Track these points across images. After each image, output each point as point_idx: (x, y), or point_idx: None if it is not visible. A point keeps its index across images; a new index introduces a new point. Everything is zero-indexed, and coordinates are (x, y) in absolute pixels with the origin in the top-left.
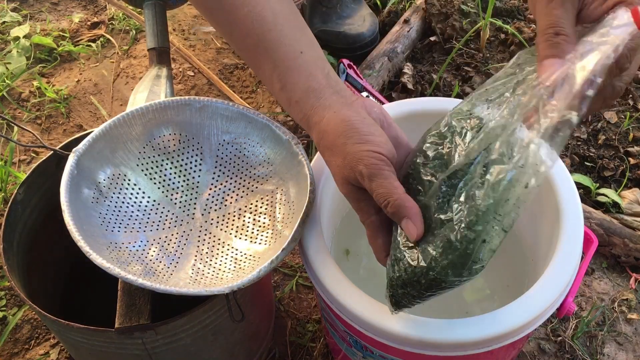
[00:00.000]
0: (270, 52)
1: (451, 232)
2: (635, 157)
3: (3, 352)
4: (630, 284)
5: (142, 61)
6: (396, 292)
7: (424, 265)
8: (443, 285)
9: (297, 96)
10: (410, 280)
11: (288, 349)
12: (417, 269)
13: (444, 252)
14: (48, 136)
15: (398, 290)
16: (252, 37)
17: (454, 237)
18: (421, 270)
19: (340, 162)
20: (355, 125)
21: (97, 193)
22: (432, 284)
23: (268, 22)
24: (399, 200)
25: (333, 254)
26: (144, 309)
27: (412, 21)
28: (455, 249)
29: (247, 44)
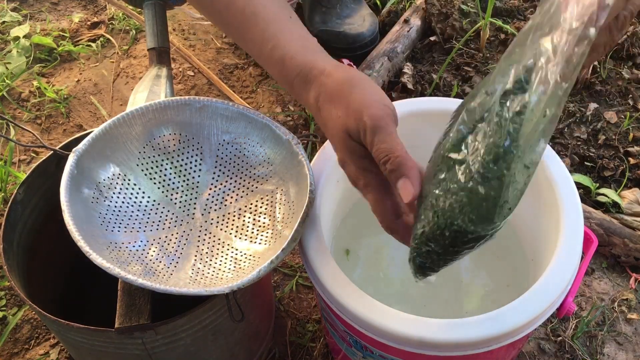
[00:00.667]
0: (259, 15)
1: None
2: (635, 157)
3: (3, 352)
4: (630, 284)
5: (142, 61)
6: (420, 252)
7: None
8: (469, 237)
9: (292, 51)
10: (433, 234)
11: (288, 349)
12: (440, 220)
13: (463, 201)
14: (48, 136)
15: (422, 248)
16: (238, 3)
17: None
18: (444, 222)
19: (342, 112)
20: (363, 77)
21: (97, 193)
22: (457, 235)
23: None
24: (400, 158)
25: (333, 254)
26: (144, 309)
27: (412, 21)
28: (476, 192)
29: (232, 11)
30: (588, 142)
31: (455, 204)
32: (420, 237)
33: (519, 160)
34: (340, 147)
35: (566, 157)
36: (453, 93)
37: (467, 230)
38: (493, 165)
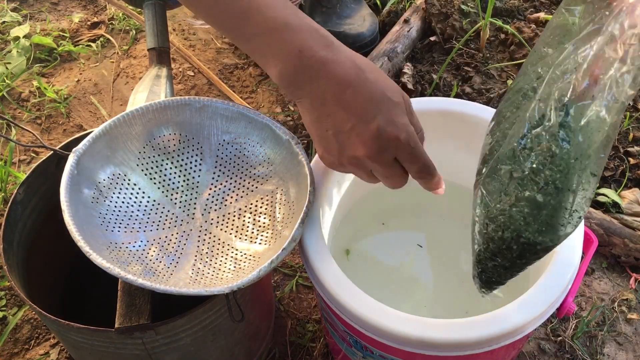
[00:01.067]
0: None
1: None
2: (635, 157)
3: (3, 352)
4: (630, 284)
5: (142, 61)
6: (486, 267)
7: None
8: (538, 249)
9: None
10: (499, 249)
11: (288, 349)
12: (505, 235)
13: (531, 213)
14: (48, 136)
15: (488, 264)
16: None
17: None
18: (511, 235)
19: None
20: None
21: (97, 193)
22: (525, 248)
23: None
24: None
25: (333, 254)
26: (144, 309)
27: (412, 21)
28: (543, 206)
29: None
30: None
31: (520, 216)
32: (484, 253)
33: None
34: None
35: None
36: (453, 93)
37: (537, 241)
38: (563, 177)
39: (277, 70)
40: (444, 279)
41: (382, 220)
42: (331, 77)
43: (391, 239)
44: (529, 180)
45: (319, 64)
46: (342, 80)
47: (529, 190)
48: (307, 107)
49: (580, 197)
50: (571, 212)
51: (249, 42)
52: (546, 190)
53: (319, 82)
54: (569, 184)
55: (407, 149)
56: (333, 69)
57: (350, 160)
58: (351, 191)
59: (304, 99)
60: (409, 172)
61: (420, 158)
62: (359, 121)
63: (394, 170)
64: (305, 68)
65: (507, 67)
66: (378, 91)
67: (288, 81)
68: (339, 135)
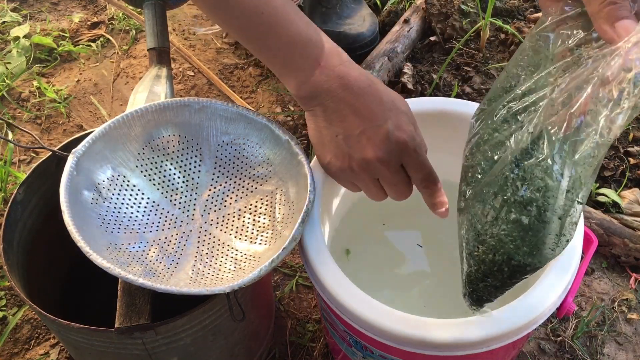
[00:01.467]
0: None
1: (524, 216)
2: (635, 157)
3: (3, 352)
4: (630, 284)
5: (142, 61)
6: (477, 287)
7: (505, 253)
8: (528, 270)
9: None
10: (490, 271)
11: (288, 349)
12: (496, 257)
13: (522, 238)
14: (48, 136)
15: (479, 284)
16: None
17: (527, 221)
18: (501, 258)
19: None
20: None
21: (97, 194)
22: (516, 269)
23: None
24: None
25: (333, 254)
26: (144, 309)
27: (412, 21)
28: (535, 231)
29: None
30: None
31: (511, 240)
32: (475, 274)
33: (576, 199)
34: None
35: None
36: (453, 93)
37: (526, 263)
38: (554, 206)
39: (297, 81)
40: (444, 278)
41: (382, 220)
42: (347, 88)
43: (391, 239)
44: (521, 207)
45: (337, 76)
46: (357, 90)
47: (521, 216)
48: (320, 114)
49: (567, 222)
50: (560, 236)
51: (271, 53)
52: (537, 217)
53: (336, 92)
54: (559, 212)
55: (413, 154)
56: (348, 81)
57: (359, 163)
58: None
59: (318, 107)
60: (413, 180)
61: (425, 166)
62: (369, 125)
63: (400, 177)
64: (324, 80)
65: None
66: (388, 100)
67: (306, 91)
68: (349, 139)
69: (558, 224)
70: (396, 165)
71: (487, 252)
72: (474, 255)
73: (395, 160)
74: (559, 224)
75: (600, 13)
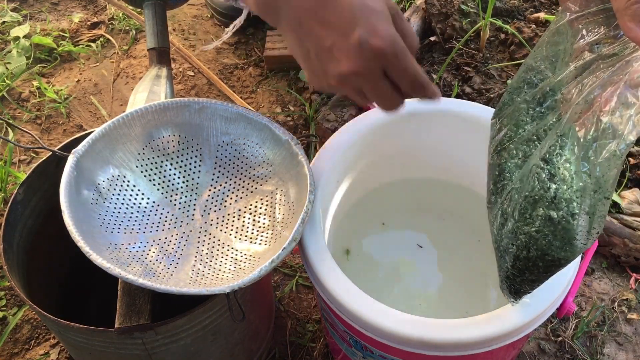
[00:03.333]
0: None
1: (553, 211)
2: (635, 157)
3: (3, 352)
4: (630, 284)
5: (142, 61)
6: (514, 282)
7: (538, 248)
8: (562, 263)
9: None
10: (526, 266)
11: (288, 349)
12: (530, 254)
13: (553, 233)
14: (48, 136)
15: (516, 279)
16: None
17: (557, 217)
18: (535, 254)
19: None
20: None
21: (97, 194)
22: (550, 264)
23: None
24: None
25: (333, 254)
26: (144, 309)
27: (412, 21)
28: (564, 229)
29: None
30: None
31: (543, 237)
32: (512, 270)
33: (603, 196)
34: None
35: None
36: (453, 93)
37: (560, 257)
38: (584, 205)
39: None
40: (444, 278)
41: (382, 220)
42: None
43: (391, 239)
44: (551, 205)
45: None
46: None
47: (550, 212)
48: (287, 30)
49: (596, 217)
50: (590, 230)
51: None
52: (566, 215)
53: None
54: (587, 209)
55: (394, 60)
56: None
57: (336, 79)
58: (351, 191)
59: (282, 22)
60: (401, 87)
61: (409, 71)
62: (338, 36)
63: (384, 88)
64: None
65: (507, 67)
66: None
67: (265, 5)
68: (321, 54)
69: (587, 220)
70: (376, 75)
71: (522, 248)
72: (509, 252)
73: (374, 70)
74: (588, 220)
75: (627, 10)
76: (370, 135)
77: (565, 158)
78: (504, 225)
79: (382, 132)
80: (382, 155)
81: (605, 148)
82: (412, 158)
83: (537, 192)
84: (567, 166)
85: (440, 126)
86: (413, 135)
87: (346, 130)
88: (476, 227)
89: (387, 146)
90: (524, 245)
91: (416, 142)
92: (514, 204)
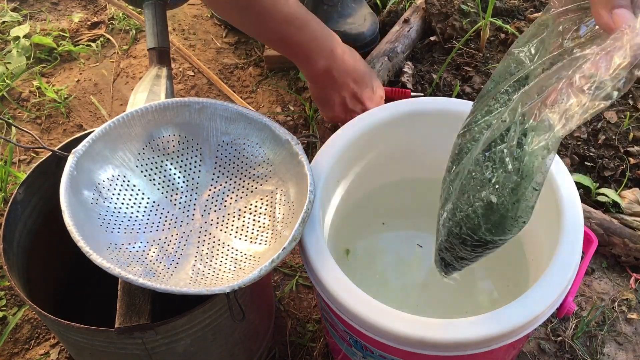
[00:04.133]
0: None
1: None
2: (635, 157)
3: (3, 352)
4: (630, 284)
5: (142, 61)
6: (445, 255)
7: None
8: (490, 246)
9: None
10: (457, 243)
11: (288, 349)
12: (462, 232)
13: (485, 215)
14: (48, 136)
15: (447, 253)
16: None
17: (495, 200)
18: (465, 233)
19: None
20: None
21: (97, 194)
22: (478, 245)
23: None
24: None
25: (333, 254)
26: (144, 309)
27: (412, 21)
28: (497, 211)
29: None
30: (588, 141)
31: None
32: (444, 244)
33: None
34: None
35: (566, 157)
36: (454, 93)
37: (487, 239)
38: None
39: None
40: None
41: (382, 220)
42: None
43: (391, 239)
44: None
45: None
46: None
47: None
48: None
49: (524, 206)
50: (516, 217)
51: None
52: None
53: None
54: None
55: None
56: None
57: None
58: (351, 191)
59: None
60: None
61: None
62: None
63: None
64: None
65: None
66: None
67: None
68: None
69: (516, 207)
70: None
71: (455, 225)
72: (445, 226)
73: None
74: (516, 207)
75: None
76: (370, 135)
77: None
78: (447, 201)
79: (382, 132)
80: (382, 155)
81: (538, 139)
82: (412, 158)
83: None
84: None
85: (440, 126)
86: (413, 135)
87: (346, 130)
88: None
89: (387, 146)
90: (457, 222)
91: (416, 142)
92: (460, 183)
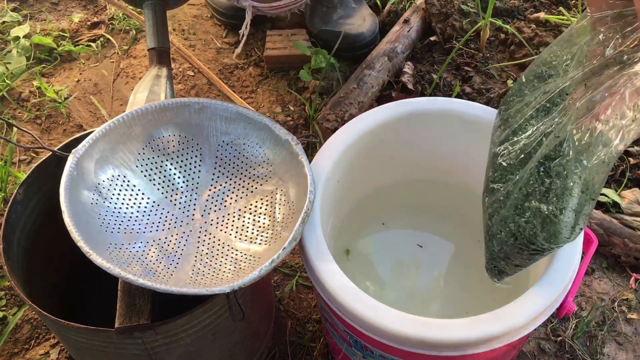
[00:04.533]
0: None
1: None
2: (635, 157)
3: (3, 352)
4: (630, 284)
5: (142, 61)
6: (499, 264)
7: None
8: (544, 253)
9: None
10: (512, 252)
11: (288, 349)
12: (517, 241)
13: (542, 225)
14: (48, 136)
15: (500, 262)
16: None
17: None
18: (522, 243)
19: None
20: None
21: (97, 194)
22: (535, 252)
23: None
24: None
25: (333, 254)
26: (144, 309)
27: (412, 21)
28: (552, 222)
29: None
30: None
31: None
32: (498, 254)
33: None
34: None
35: None
36: (454, 93)
37: (544, 247)
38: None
39: None
40: (444, 278)
41: (382, 220)
42: None
43: (391, 239)
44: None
45: None
46: None
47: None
48: None
49: (582, 215)
50: (574, 225)
51: None
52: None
53: None
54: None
55: None
56: None
57: None
58: (351, 191)
59: None
60: None
61: None
62: None
63: None
64: None
65: (507, 67)
66: None
67: None
68: None
69: (573, 216)
70: None
71: (510, 236)
72: (497, 237)
73: None
74: (574, 216)
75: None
76: (370, 135)
77: (561, 158)
78: (497, 212)
79: (382, 132)
80: (382, 155)
81: (596, 154)
82: (412, 158)
83: (532, 186)
84: (562, 166)
85: (440, 126)
86: (413, 135)
87: (346, 130)
88: (476, 227)
89: (387, 146)
90: (512, 233)
91: (416, 142)
92: (509, 194)
